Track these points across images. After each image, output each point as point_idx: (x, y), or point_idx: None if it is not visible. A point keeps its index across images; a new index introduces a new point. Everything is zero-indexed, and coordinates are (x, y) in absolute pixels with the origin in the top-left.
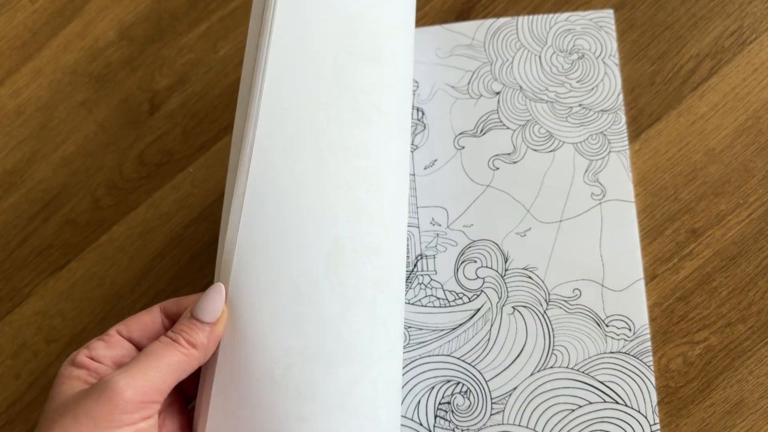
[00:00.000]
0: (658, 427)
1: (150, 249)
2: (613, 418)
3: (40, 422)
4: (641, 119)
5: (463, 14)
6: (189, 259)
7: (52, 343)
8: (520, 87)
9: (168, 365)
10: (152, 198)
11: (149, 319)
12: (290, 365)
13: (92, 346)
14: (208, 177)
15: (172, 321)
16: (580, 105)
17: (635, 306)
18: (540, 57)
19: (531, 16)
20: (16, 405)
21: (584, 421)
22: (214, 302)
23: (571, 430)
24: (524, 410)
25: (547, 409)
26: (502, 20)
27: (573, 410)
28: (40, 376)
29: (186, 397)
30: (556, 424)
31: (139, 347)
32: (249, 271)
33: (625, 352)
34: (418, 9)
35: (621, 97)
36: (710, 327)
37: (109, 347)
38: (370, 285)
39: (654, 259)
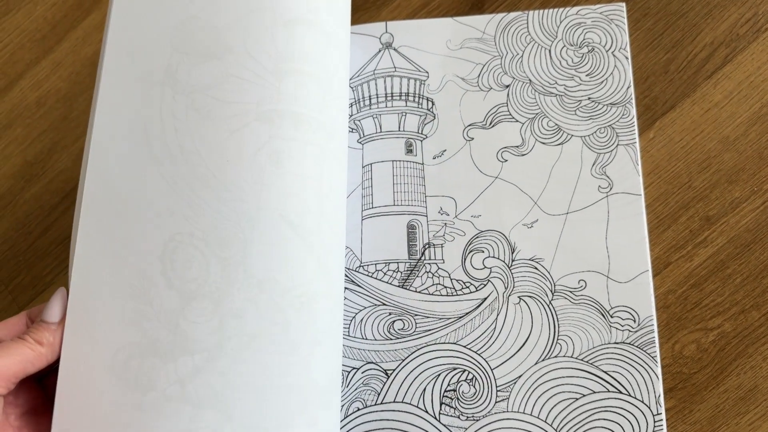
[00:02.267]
0: (661, 417)
1: None
2: (616, 407)
3: None
4: (655, 108)
5: (476, 5)
6: None
7: None
8: (530, 80)
9: (13, 355)
10: None
11: (15, 320)
12: (129, 358)
13: None
14: None
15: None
16: (589, 98)
17: (640, 297)
18: (550, 51)
19: (542, 11)
20: None
21: (588, 410)
22: (55, 305)
23: (574, 418)
24: (528, 398)
25: (551, 398)
26: (513, 14)
27: (577, 399)
28: None
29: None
30: (560, 413)
31: None
32: (89, 272)
33: (629, 343)
34: (431, 0)
35: (631, 90)
36: (724, 314)
37: None
38: (217, 278)
39: (668, 247)
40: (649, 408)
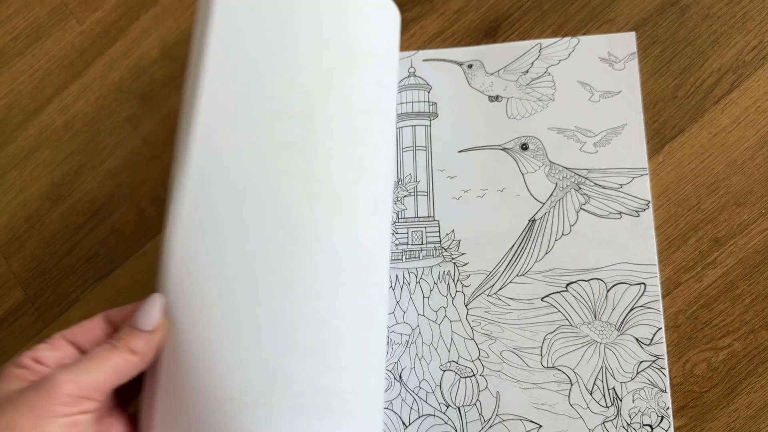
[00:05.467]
0: None
1: None
2: None
3: None
4: (664, 132)
5: (490, 33)
6: None
7: None
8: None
9: (108, 367)
10: None
11: (92, 325)
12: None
13: (36, 348)
14: None
15: (114, 328)
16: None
17: None
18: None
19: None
20: None
21: None
22: (150, 312)
23: None
24: None
25: None
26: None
27: None
28: None
29: (126, 403)
30: None
31: (82, 351)
32: (188, 285)
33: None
34: (446, 29)
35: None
36: (734, 333)
37: (52, 349)
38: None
39: (678, 268)
40: None
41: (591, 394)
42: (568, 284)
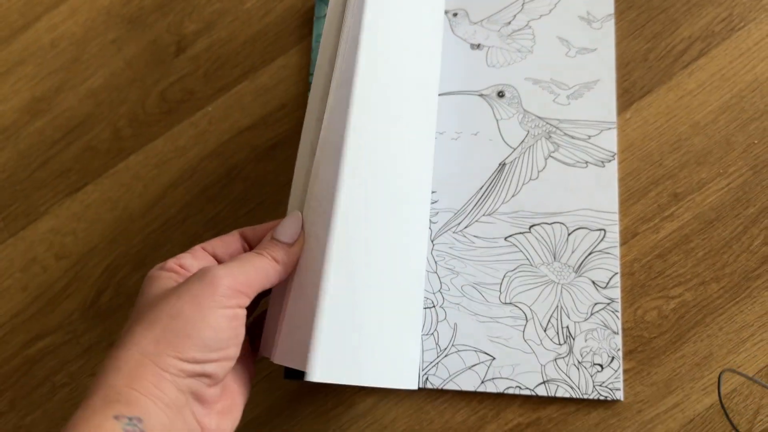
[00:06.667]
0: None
1: (164, 179)
2: None
3: (137, 312)
4: (633, 91)
5: None
6: (200, 191)
7: (62, 260)
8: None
9: (257, 268)
10: (171, 132)
11: (230, 239)
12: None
13: (180, 256)
14: (225, 117)
15: (249, 245)
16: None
17: None
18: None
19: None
20: (20, 316)
21: None
22: (292, 226)
23: None
24: None
25: None
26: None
27: None
28: (47, 290)
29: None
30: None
31: (221, 262)
32: (332, 213)
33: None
34: None
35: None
36: (685, 284)
37: (194, 258)
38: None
39: (636, 218)
40: None
41: (545, 331)
42: (531, 226)
